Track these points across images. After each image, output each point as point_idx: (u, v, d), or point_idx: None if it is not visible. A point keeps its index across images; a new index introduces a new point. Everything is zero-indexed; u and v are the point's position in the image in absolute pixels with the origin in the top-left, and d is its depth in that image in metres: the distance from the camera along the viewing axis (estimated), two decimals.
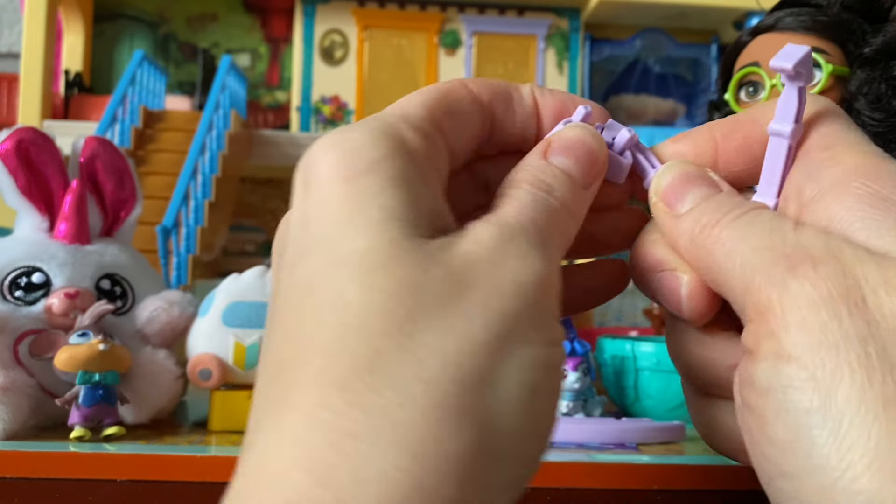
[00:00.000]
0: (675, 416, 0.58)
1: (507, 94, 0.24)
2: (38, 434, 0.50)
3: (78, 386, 0.49)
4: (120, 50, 3.10)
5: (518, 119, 0.25)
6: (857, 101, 0.51)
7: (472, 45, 3.62)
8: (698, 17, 3.02)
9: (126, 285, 0.58)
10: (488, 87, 0.24)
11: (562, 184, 0.22)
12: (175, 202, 2.17)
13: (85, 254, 0.57)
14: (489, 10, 3.47)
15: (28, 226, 0.58)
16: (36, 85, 2.52)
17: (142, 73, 2.71)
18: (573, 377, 0.56)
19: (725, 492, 0.45)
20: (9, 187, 0.56)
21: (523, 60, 3.56)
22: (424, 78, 3.62)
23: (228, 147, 2.47)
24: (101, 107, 2.65)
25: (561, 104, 0.25)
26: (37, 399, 0.51)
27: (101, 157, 0.61)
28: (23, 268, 0.55)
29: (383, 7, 3.43)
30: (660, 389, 0.59)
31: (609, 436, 0.51)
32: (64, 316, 0.53)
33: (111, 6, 3.03)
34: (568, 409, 0.57)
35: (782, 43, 0.53)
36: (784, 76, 0.23)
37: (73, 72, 2.77)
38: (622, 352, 0.61)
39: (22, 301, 0.54)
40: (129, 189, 0.62)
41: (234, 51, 3.30)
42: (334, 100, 3.43)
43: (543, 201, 0.21)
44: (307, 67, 3.33)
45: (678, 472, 0.45)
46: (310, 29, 3.32)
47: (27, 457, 0.44)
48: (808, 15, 0.53)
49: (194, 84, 3.17)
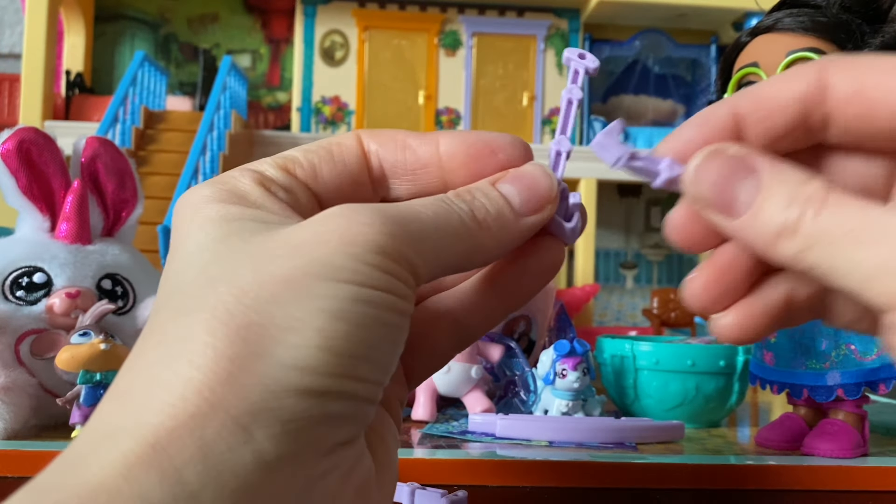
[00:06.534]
0: (674, 416, 0.58)
1: (399, 144, 0.26)
2: (39, 433, 0.50)
3: (79, 385, 0.49)
4: (121, 50, 3.10)
5: (409, 167, 0.26)
6: None
7: (472, 45, 3.61)
8: (698, 17, 3.01)
9: (127, 285, 0.58)
10: (378, 138, 0.26)
11: (492, 202, 0.24)
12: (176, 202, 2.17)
13: (86, 254, 0.57)
14: (489, 10, 3.45)
15: (29, 226, 0.58)
16: (37, 85, 2.53)
17: (143, 73, 2.70)
18: (573, 377, 0.56)
19: (725, 491, 0.45)
20: (10, 187, 0.57)
21: (523, 61, 3.57)
22: (424, 78, 3.61)
23: (229, 147, 2.47)
24: (103, 107, 2.65)
25: (470, 147, 0.26)
26: (38, 399, 0.51)
27: (103, 158, 0.61)
28: (24, 268, 0.55)
29: (384, 8, 3.44)
30: (659, 389, 0.59)
31: (609, 435, 0.51)
32: (65, 316, 0.53)
33: (112, 7, 3.03)
34: (568, 409, 0.57)
35: (782, 43, 0.53)
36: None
37: (74, 72, 2.76)
38: (622, 351, 0.61)
39: (23, 301, 0.54)
40: (131, 189, 0.63)
41: (234, 51, 3.29)
42: (335, 100, 3.44)
43: (444, 206, 0.23)
44: (308, 68, 3.33)
45: (678, 472, 0.45)
46: (310, 30, 3.32)
47: (28, 456, 0.44)
48: (806, 16, 0.53)
49: (195, 84, 3.16)
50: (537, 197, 0.25)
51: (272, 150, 2.86)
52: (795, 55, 0.52)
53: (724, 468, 0.46)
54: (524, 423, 0.52)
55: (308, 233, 0.21)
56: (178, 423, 0.18)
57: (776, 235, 0.21)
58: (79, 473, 0.18)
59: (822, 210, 0.20)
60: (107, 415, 0.19)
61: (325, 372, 0.19)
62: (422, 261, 0.22)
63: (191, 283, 0.21)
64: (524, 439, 0.51)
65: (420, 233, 0.22)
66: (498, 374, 0.65)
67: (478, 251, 0.24)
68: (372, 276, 0.20)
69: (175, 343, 0.20)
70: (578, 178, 3.65)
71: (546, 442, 0.50)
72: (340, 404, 0.20)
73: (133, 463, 0.18)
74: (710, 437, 0.56)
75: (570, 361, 0.56)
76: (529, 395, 0.62)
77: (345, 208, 0.22)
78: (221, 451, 0.18)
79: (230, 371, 0.19)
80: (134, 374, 0.20)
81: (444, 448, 0.48)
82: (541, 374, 0.58)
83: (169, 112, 2.75)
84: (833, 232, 0.20)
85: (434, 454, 0.46)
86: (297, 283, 0.20)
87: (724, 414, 0.62)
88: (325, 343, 0.19)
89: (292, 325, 0.19)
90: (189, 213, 0.23)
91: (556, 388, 0.57)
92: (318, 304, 0.20)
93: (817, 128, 0.23)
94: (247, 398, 0.19)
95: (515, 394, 0.64)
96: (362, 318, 0.20)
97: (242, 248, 0.21)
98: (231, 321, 0.19)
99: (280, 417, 0.19)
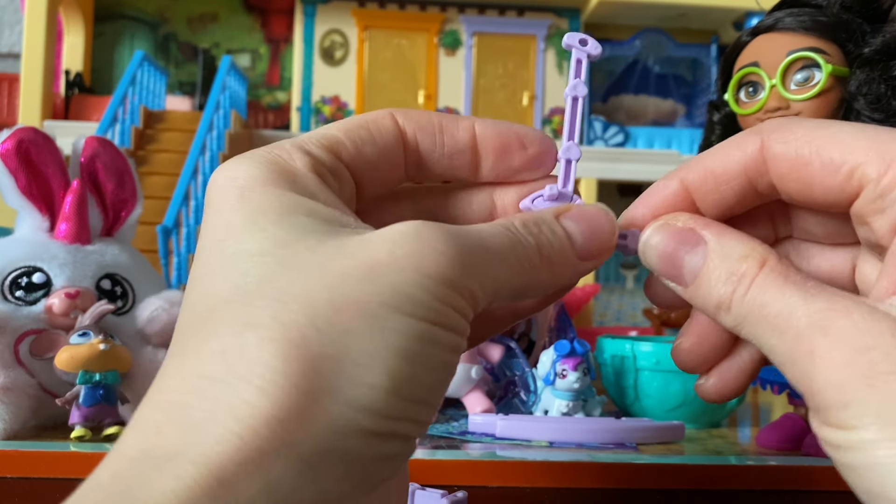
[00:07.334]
0: (674, 416, 0.58)
1: (436, 127, 0.25)
2: (38, 434, 0.50)
3: (78, 386, 0.49)
4: (120, 50, 3.10)
5: (447, 151, 0.25)
6: (857, 101, 0.51)
7: (472, 45, 3.61)
8: (698, 17, 3.01)
9: (126, 285, 0.58)
10: (415, 119, 0.25)
11: (557, 239, 0.23)
12: (175, 202, 2.17)
13: (85, 254, 0.57)
14: (489, 10, 3.46)
15: (29, 226, 0.58)
16: (36, 85, 2.53)
17: (142, 73, 2.70)
18: (573, 377, 0.56)
19: (725, 492, 0.45)
20: (9, 187, 0.56)
21: (523, 60, 3.56)
22: (424, 78, 3.62)
23: (229, 147, 2.47)
24: (102, 107, 2.65)
25: (503, 138, 0.25)
26: (37, 399, 0.51)
27: (102, 158, 0.61)
28: (23, 268, 0.55)
29: (383, 7, 3.44)
30: (659, 389, 0.59)
31: (609, 436, 0.51)
32: (64, 316, 0.53)
33: (111, 7, 3.03)
34: (568, 409, 0.57)
35: (782, 43, 0.53)
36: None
37: (73, 72, 2.76)
38: (622, 352, 0.61)
39: (23, 301, 0.54)
40: (130, 189, 0.63)
41: (234, 51, 3.29)
42: (334, 100, 3.43)
43: (513, 237, 0.22)
44: (307, 68, 3.33)
45: (678, 472, 0.45)
46: (310, 29, 3.32)
47: (28, 456, 0.44)
48: (807, 15, 0.53)
49: (195, 84, 3.16)
50: (599, 242, 0.24)
51: None
52: (796, 55, 0.52)
53: (724, 468, 0.46)
54: (524, 423, 0.52)
55: (383, 253, 0.20)
56: (245, 457, 0.17)
57: (716, 308, 0.22)
58: (138, 498, 0.17)
59: (749, 289, 0.21)
60: (166, 432, 0.18)
61: (392, 416, 0.19)
62: (483, 293, 0.21)
63: (253, 289, 0.19)
64: (524, 440, 0.51)
65: (486, 264, 0.21)
66: (498, 374, 0.65)
67: (534, 286, 0.23)
68: (441, 313, 0.20)
69: (241, 360, 0.18)
70: (579, 178, 3.63)
71: (546, 442, 0.50)
72: (397, 445, 0.19)
73: (198, 497, 0.16)
74: (710, 438, 0.56)
75: (571, 362, 0.56)
76: (530, 395, 0.62)
77: (419, 227, 0.20)
78: (287, 492, 0.17)
79: (301, 405, 0.18)
80: (192, 385, 0.18)
81: (443, 448, 0.48)
82: (541, 374, 0.58)
83: (168, 112, 2.75)
84: (755, 313, 0.21)
85: (434, 454, 0.46)
86: (371, 313, 0.19)
87: (725, 414, 0.61)
88: (394, 386, 0.19)
89: (364, 361, 0.18)
90: (235, 197, 0.21)
91: (556, 388, 0.57)
92: (390, 341, 0.19)
93: (767, 193, 0.24)
94: (316, 436, 0.18)
95: (515, 394, 0.64)
96: (430, 360, 0.20)
97: (311, 259, 0.20)
98: (306, 349, 0.18)
99: (343, 458, 0.18)
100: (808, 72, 0.52)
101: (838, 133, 0.22)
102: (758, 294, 0.21)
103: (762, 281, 0.21)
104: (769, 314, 0.20)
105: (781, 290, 0.21)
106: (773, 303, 0.21)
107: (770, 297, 0.21)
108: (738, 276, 0.21)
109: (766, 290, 0.21)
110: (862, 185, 0.21)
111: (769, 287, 0.21)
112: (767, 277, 0.21)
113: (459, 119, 0.26)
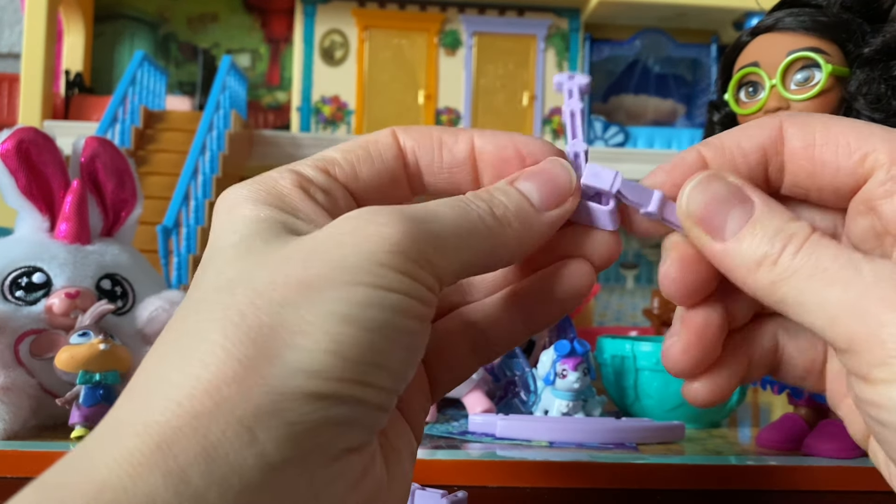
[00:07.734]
0: (674, 416, 0.58)
1: (435, 141, 0.26)
2: (38, 434, 0.50)
3: (79, 386, 0.49)
4: (120, 50, 3.10)
5: (445, 165, 0.26)
6: (857, 101, 0.51)
7: (472, 45, 3.61)
8: (698, 17, 3.01)
9: (126, 285, 0.58)
10: (414, 135, 0.26)
11: (512, 199, 0.24)
12: (175, 202, 2.17)
13: (85, 254, 0.57)
14: (489, 10, 3.46)
15: (29, 226, 0.58)
16: (36, 85, 2.53)
17: (142, 73, 2.70)
18: (573, 377, 0.56)
19: (725, 492, 0.45)
20: (9, 187, 0.56)
21: (523, 60, 3.56)
22: (424, 78, 3.62)
23: (229, 147, 2.47)
24: (102, 107, 2.65)
25: (501, 151, 0.26)
26: (37, 399, 0.51)
27: (102, 158, 0.61)
28: (23, 268, 0.55)
29: (383, 7, 3.44)
30: (659, 389, 0.59)
31: (609, 436, 0.51)
32: (65, 316, 0.53)
33: (111, 6, 3.03)
34: (568, 409, 0.57)
35: (782, 43, 0.53)
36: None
37: (73, 72, 2.76)
38: (622, 352, 0.61)
39: (23, 301, 0.54)
40: (130, 189, 0.63)
41: (234, 51, 3.30)
42: (334, 100, 3.43)
43: (463, 205, 0.23)
44: (307, 68, 3.33)
45: (678, 472, 0.45)
46: (310, 29, 3.32)
47: (28, 456, 0.44)
48: (807, 15, 0.53)
49: (195, 84, 3.16)
50: (557, 190, 0.25)
51: (272, 149, 2.86)
52: (796, 55, 0.52)
53: (724, 469, 0.46)
54: (524, 423, 0.52)
55: (324, 235, 0.21)
56: (184, 422, 0.18)
57: (757, 263, 0.22)
58: (85, 471, 0.18)
59: (802, 247, 0.21)
60: (117, 412, 0.20)
61: (333, 376, 0.19)
62: (444, 261, 0.22)
63: (210, 282, 0.21)
64: (524, 440, 0.51)
65: (440, 232, 0.22)
66: (498, 374, 0.65)
67: (501, 249, 0.24)
68: (387, 278, 0.20)
69: (188, 343, 0.20)
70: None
71: (546, 442, 0.50)
72: (348, 409, 0.20)
73: (139, 462, 0.18)
74: (710, 438, 0.56)
75: (571, 362, 0.56)
76: (530, 395, 0.62)
77: (364, 210, 0.22)
78: (226, 453, 0.18)
79: (238, 372, 0.19)
80: (147, 373, 0.20)
81: (444, 448, 0.48)
82: (541, 374, 0.58)
83: (168, 112, 2.74)
84: (809, 268, 0.21)
85: (434, 454, 0.46)
86: (310, 285, 0.20)
87: (725, 414, 0.61)
88: (334, 347, 0.19)
89: (303, 328, 0.19)
90: (224, 212, 0.23)
91: (556, 388, 0.57)
92: (329, 308, 0.20)
93: (773, 178, 0.25)
94: (252, 400, 0.19)
95: (515, 394, 0.64)
96: (373, 322, 0.20)
97: (262, 249, 0.21)
98: (243, 323, 0.19)
99: (285, 420, 0.19)
100: (808, 72, 0.52)
101: (854, 124, 0.23)
102: (812, 251, 0.21)
103: (815, 241, 0.21)
104: (829, 268, 0.21)
105: (839, 249, 0.21)
106: (833, 259, 0.21)
107: (828, 254, 0.21)
108: (788, 234, 0.22)
109: (824, 248, 0.21)
110: (874, 168, 0.22)
111: (826, 246, 0.21)
112: (821, 240, 0.21)
113: (459, 132, 0.26)
